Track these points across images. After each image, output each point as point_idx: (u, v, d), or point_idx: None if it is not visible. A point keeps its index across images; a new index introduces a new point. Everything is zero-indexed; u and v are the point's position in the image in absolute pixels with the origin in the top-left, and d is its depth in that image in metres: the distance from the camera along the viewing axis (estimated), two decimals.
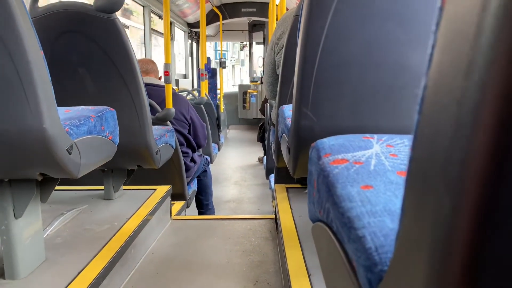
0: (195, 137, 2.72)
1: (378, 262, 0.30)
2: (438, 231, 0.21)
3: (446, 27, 0.21)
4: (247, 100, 8.45)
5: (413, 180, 0.25)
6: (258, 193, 4.24)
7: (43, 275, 1.14)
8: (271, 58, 2.08)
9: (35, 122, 0.93)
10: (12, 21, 0.86)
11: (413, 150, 0.25)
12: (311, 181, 0.54)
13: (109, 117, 1.28)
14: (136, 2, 4.53)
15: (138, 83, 1.58)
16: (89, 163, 1.14)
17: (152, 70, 2.57)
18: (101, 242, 1.36)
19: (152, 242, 1.69)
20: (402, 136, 0.58)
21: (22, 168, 1.04)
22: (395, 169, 0.45)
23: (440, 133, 0.21)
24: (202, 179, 3.07)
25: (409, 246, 0.25)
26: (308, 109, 1.04)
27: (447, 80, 0.20)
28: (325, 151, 0.52)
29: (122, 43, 1.53)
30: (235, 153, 6.39)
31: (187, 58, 7.52)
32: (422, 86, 0.23)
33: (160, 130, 1.98)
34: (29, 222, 1.14)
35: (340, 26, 0.98)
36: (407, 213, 0.25)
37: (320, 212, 0.48)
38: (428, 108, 0.23)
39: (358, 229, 0.34)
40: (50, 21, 1.51)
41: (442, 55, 0.21)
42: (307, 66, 1.02)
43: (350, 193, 0.40)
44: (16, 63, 0.89)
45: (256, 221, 1.93)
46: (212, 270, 1.47)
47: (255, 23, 7.90)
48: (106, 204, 1.75)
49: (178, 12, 6.03)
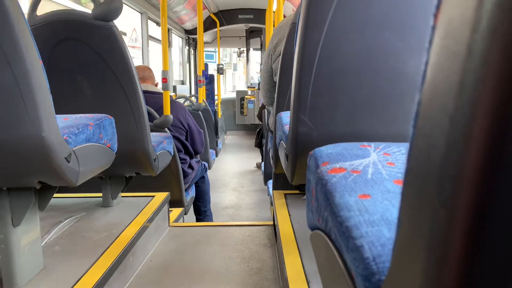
0: (193, 144, 2.73)
1: (376, 271, 0.31)
2: (433, 242, 0.22)
3: (438, 46, 0.21)
4: (245, 106, 8.46)
5: (408, 191, 0.26)
6: (256, 199, 4.23)
7: (42, 283, 1.14)
8: (268, 66, 2.09)
9: (34, 130, 0.93)
10: (11, 30, 0.87)
11: (408, 162, 0.25)
12: (310, 189, 0.55)
13: (107, 125, 1.28)
14: (134, 8, 4.55)
15: (136, 90, 1.59)
16: (88, 171, 1.15)
17: (149, 77, 2.58)
18: (100, 249, 1.36)
19: (150, 249, 1.68)
20: (399, 144, 0.58)
21: (20, 176, 1.04)
22: (392, 177, 0.46)
23: (433, 147, 0.22)
24: (200, 186, 3.07)
25: (405, 256, 0.26)
26: (305, 116, 1.05)
27: (439, 97, 0.21)
28: (323, 159, 0.53)
29: (120, 51, 1.54)
30: (233, 159, 6.39)
31: (184, 65, 7.54)
32: (416, 101, 0.24)
33: (158, 137, 1.98)
34: (27, 230, 1.14)
35: (337, 34, 0.99)
36: (403, 223, 0.26)
37: (318, 220, 0.48)
38: (422, 123, 0.23)
39: (356, 239, 0.35)
40: (49, 29, 1.52)
41: (435, 73, 0.22)
42: (305, 73, 1.03)
43: (348, 202, 0.41)
44: (14, 71, 0.89)
45: (255, 228, 1.93)
46: (211, 277, 1.47)
47: (252, 29, 7.93)
48: (104, 211, 1.75)
49: (175, 19, 6.06)
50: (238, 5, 7.01)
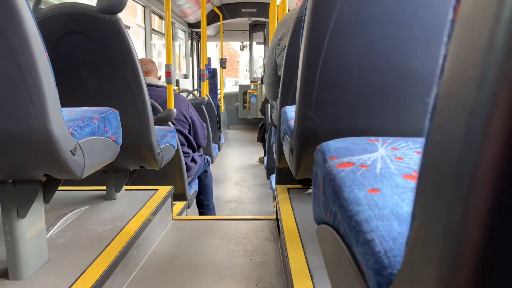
0: (195, 137, 2.73)
1: (388, 265, 0.31)
2: (448, 238, 0.22)
3: (458, 39, 0.21)
4: (247, 100, 8.45)
5: (424, 186, 0.25)
6: (258, 193, 4.24)
7: (47, 275, 1.15)
8: (272, 60, 2.08)
9: (40, 123, 0.93)
10: (17, 22, 0.87)
11: (424, 157, 0.25)
12: (317, 184, 0.55)
13: (112, 118, 1.29)
14: (137, 2, 4.53)
15: (140, 84, 1.59)
16: (93, 164, 1.15)
17: (152, 70, 2.58)
18: (104, 242, 1.36)
19: (154, 243, 1.69)
20: (406, 139, 0.58)
21: (26, 168, 1.05)
22: (400, 172, 0.46)
23: (451, 142, 0.21)
24: (202, 179, 3.08)
25: (419, 251, 0.25)
26: (311, 111, 1.05)
27: (458, 91, 0.21)
28: (331, 154, 0.53)
29: (125, 44, 1.54)
30: (236, 153, 6.39)
31: (187, 58, 7.53)
32: (433, 95, 0.24)
33: (162, 130, 1.98)
34: (32, 223, 1.15)
35: (344, 28, 0.99)
36: (418, 218, 0.26)
37: (326, 215, 0.48)
38: (440, 117, 0.23)
39: (366, 233, 0.35)
40: (53, 22, 1.51)
41: (453, 66, 0.22)
42: (311, 68, 1.02)
43: (357, 196, 0.41)
44: (21, 64, 0.89)
45: (258, 222, 1.94)
46: (214, 270, 1.48)
47: (256, 23, 7.91)
48: (108, 204, 1.75)
49: (178, 13, 6.04)
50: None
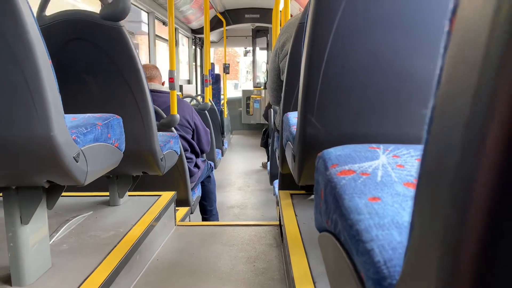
0: (199, 143, 2.73)
1: (387, 275, 0.31)
2: (447, 247, 0.22)
3: (454, 51, 0.21)
4: (251, 105, 8.46)
5: (422, 196, 0.25)
6: (261, 198, 4.23)
7: (50, 281, 1.15)
8: (275, 65, 2.09)
9: (43, 130, 0.94)
10: (21, 29, 0.87)
11: (422, 166, 0.25)
12: (318, 191, 0.55)
13: (115, 125, 1.29)
14: (141, 9, 4.56)
15: (143, 90, 1.60)
16: (96, 170, 1.15)
17: (156, 76, 2.59)
18: (107, 248, 1.36)
19: (157, 249, 1.69)
20: (408, 146, 0.58)
21: (29, 175, 1.05)
22: (401, 180, 0.46)
23: (448, 152, 0.21)
24: (206, 185, 3.07)
25: (418, 261, 0.25)
26: (313, 117, 1.05)
27: (454, 102, 0.21)
28: (332, 161, 0.53)
29: (128, 51, 1.55)
30: (239, 159, 6.39)
31: (191, 64, 7.56)
32: (430, 106, 0.24)
33: (165, 136, 1.99)
34: (35, 229, 1.15)
35: (346, 33, 0.99)
36: (416, 228, 0.26)
37: (327, 222, 0.48)
38: (436, 128, 0.23)
39: (366, 242, 0.35)
40: (57, 29, 1.53)
41: (450, 78, 0.22)
42: (313, 73, 1.03)
43: (357, 205, 0.41)
44: (24, 71, 0.90)
45: (261, 228, 1.93)
46: (217, 276, 1.47)
47: (259, 29, 7.93)
48: (111, 210, 1.76)
49: (182, 18, 6.07)
50: (245, 4, 7.01)
